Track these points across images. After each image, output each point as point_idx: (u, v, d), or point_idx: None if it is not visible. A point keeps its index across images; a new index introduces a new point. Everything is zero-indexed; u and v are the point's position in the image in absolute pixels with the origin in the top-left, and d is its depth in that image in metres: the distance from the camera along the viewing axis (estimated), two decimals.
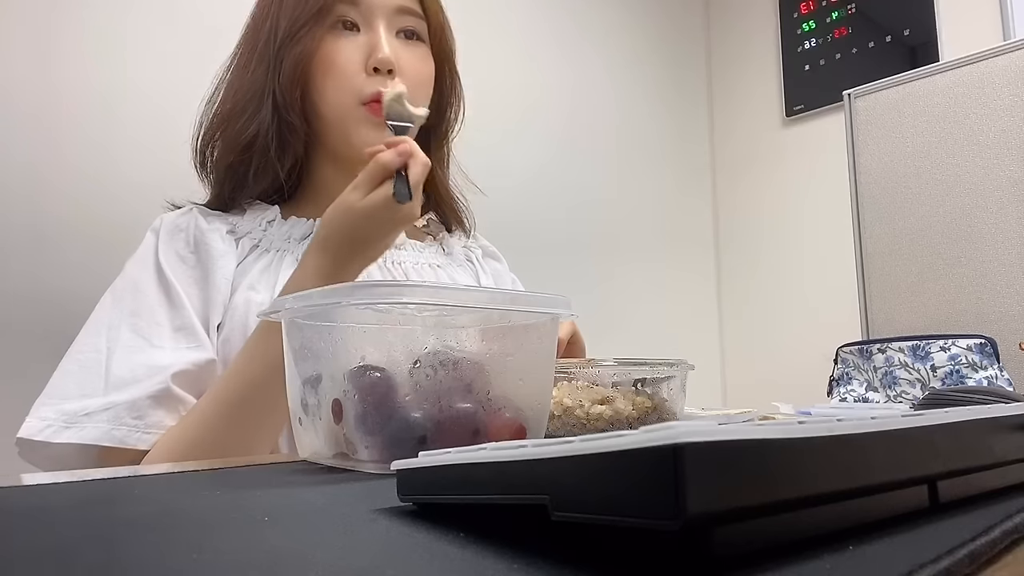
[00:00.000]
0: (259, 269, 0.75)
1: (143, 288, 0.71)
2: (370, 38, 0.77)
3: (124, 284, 0.72)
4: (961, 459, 0.26)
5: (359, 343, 0.44)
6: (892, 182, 1.50)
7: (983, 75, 1.39)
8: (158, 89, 1.13)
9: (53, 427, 0.62)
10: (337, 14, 0.76)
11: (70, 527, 0.28)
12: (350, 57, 0.76)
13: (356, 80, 0.76)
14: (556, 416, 0.55)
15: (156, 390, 0.64)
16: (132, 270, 0.73)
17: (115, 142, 1.09)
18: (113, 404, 0.63)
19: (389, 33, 0.78)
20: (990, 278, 1.34)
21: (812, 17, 2.20)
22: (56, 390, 0.65)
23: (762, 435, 0.18)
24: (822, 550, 0.20)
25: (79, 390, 0.64)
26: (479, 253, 0.96)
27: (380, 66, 0.75)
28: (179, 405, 0.66)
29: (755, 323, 2.24)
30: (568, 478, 0.20)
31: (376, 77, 0.76)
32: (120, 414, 0.63)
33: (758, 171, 2.29)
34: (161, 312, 0.70)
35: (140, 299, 0.70)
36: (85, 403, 0.63)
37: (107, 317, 0.69)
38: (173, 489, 0.38)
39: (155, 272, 0.72)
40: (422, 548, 0.23)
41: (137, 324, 0.69)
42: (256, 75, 0.78)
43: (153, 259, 0.73)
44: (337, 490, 0.36)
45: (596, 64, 2.00)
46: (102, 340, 0.67)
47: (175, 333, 0.69)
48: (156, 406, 0.64)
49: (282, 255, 0.77)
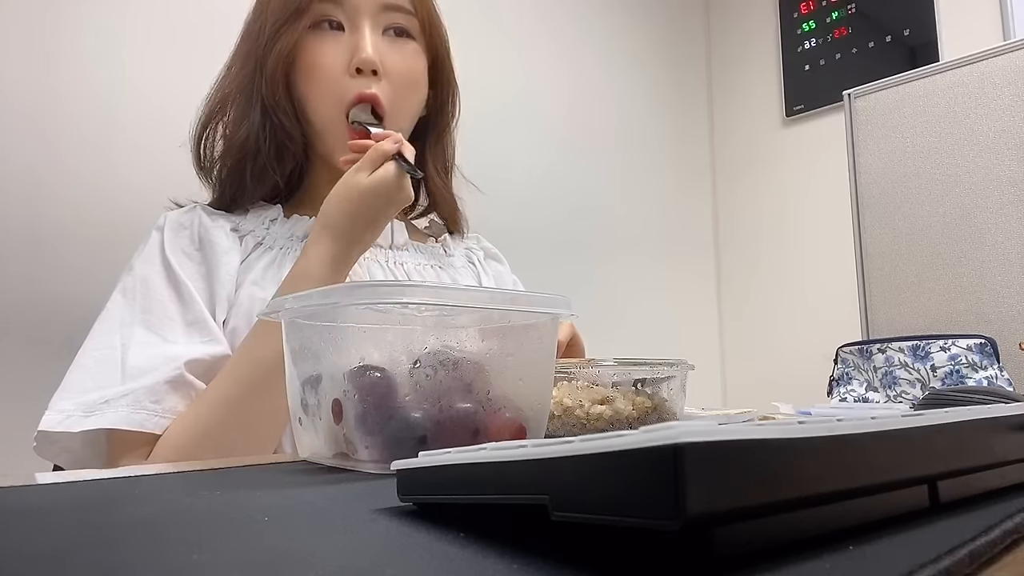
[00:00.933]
0: (263, 266, 0.75)
1: (153, 285, 0.71)
2: (354, 38, 0.75)
3: (134, 282, 0.72)
4: (961, 459, 0.26)
5: (359, 343, 0.44)
6: (892, 182, 1.50)
7: (983, 75, 1.39)
8: (157, 90, 1.13)
9: (73, 417, 0.62)
10: (318, 13, 0.75)
11: (70, 527, 0.28)
12: (334, 58, 0.75)
13: (340, 83, 0.75)
14: (556, 416, 0.55)
15: (172, 376, 0.65)
16: (140, 267, 0.73)
17: (114, 144, 1.09)
18: (132, 390, 0.63)
19: (375, 32, 0.76)
20: (990, 278, 1.34)
21: (812, 17, 2.20)
22: (74, 384, 0.65)
23: (762, 435, 0.18)
24: (822, 550, 0.20)
25: (96, 383, 0.65)
26: (481, 255, 0.96)
27: (363, 66, 0.74)
28: (192, 391, 0.66)
29: (755, 323, 2.24)
30: (568, 478, 0.20)
31: (360, 78, 0.75)
32: (140, 398, 0.63)
33: (758, 171, 2.29)
34: (172, 308, 0.70)
35: (151, 296, 0.70)
36: (104, 392, 0.64)
37: (119, 315, 0.70)
38: (173, 489, 0.38)
39: (163, 268, 0.72)
40: (422, 548, 0.23)
41: (150, 321, 0.69)
42: (243, 75, 0.78)
43: (160, 256, 0.73)
44: (337, 490, 0.36)
45: (596, 65, 2.00)
46: (116, 337, 0.68)
47: (188, 328, 0.69)
48: (172, 391, 0.65)
49: (285, 252, 0.77)
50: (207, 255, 0.74)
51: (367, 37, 0.75)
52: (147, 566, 0.22)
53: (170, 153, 0.85)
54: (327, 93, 0.75)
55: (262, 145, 0.76)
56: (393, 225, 0.83)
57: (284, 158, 0.78)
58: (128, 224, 0.93)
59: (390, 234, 0.83)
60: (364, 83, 0.75)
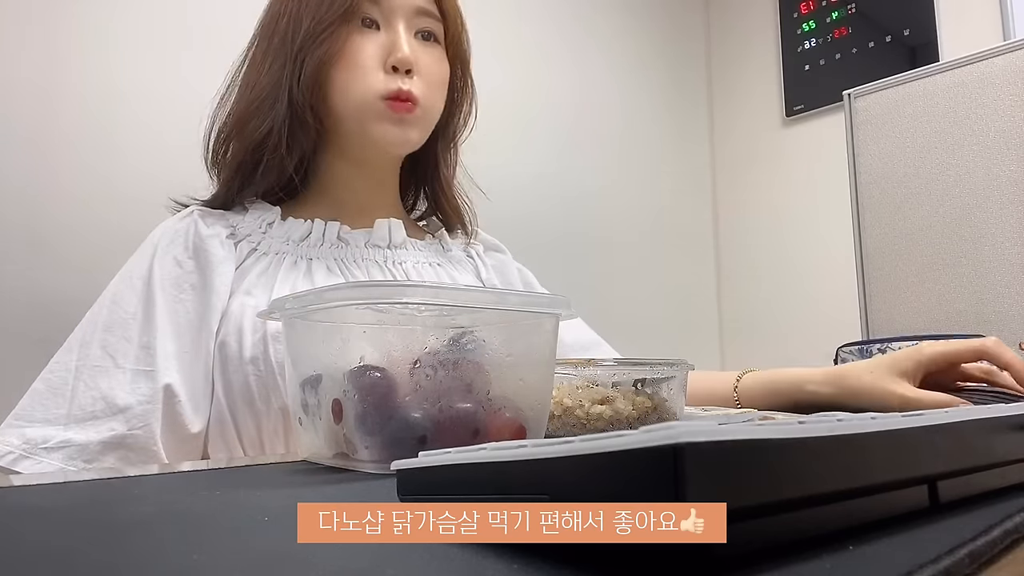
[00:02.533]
0: (256, 273, 0.74)
1: (121, 301, 0.71)
2: (390, 37, 0.77)
3: (103, 297, 0.72)
4: (961, 459, 0.26)
5: (359, 343, 0.43)
6: (892, 182, 1.50)
7: (983, 75, 1.39)
8: (157, 91, 1.13)
9: (14, 454, 0.64)
10: (361, 13, 0.77)
11: (69, 528, 0.28)
12: (370, 54, 0.77)
13: (375, 77, 0.77)
14: (556, 416, 0.55)
15: (107, 437, 0.66)
16: (116, 283, 0.73)
17: (114, 144, 1.09)
18: (68, 443, 0.65)
19: (408, 33, 0.78)
20: (990, 278, 1.34)
21: (812, 17, 2.20)
22: (24, 411, 0.67)
23: (762, 435, 0.18)
24: (822, 550, 0.20)
25: (43, 414, 0.66)
26: (480, 248, 0.95)
27: (399, 65, 0.76)
28: (129, 453, 0.67)
29: (755, 323, 2.24)
30: (568, 478, 0.20)
31: (394, 75, 0.77)
32: (72, 455, 0.65)
33: (758, 171, 2.29)
34: (133, 327, 0.70)
35: (116, 313, 0.71)
36: (46, 432, 0.65)
37: (81, 332, 0.70)
38: (172, 489, 0.38)
39: (143, 284, 0.72)
40: (422, 548, 0.23)
41: (107, 340, 0.69)
42: (272, 72, 0.78)
43: (143, 270, 0.73)
44: (337, 490, 0.36)
45: (597, 65, 2.00)
46: (72, 357, 0.69)
47: (139, 351, 0.69)
48: (105, 451, 0.66)
49: (281, 257, 0.76)
50: (201, 264, 0.74)
51: (403, 36, 0.77)
52: (147, 566, 0.22)
53: (170, 151, 0.85)
54: (363, 83, 0.77)
55: (281, 140, 0.76)
56: (391, 224, 0.83)
57: (295, 148, 0.78)
58: (129, 223, 0.92)
59: (388, 234, 0.83)
60: (398, 80, 0.77)
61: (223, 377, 0.70)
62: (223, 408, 0.70)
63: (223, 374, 0.70)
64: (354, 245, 0.80)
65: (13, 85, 1.01)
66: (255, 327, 0.70)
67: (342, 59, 0.77)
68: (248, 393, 0.69)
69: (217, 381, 0.70)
